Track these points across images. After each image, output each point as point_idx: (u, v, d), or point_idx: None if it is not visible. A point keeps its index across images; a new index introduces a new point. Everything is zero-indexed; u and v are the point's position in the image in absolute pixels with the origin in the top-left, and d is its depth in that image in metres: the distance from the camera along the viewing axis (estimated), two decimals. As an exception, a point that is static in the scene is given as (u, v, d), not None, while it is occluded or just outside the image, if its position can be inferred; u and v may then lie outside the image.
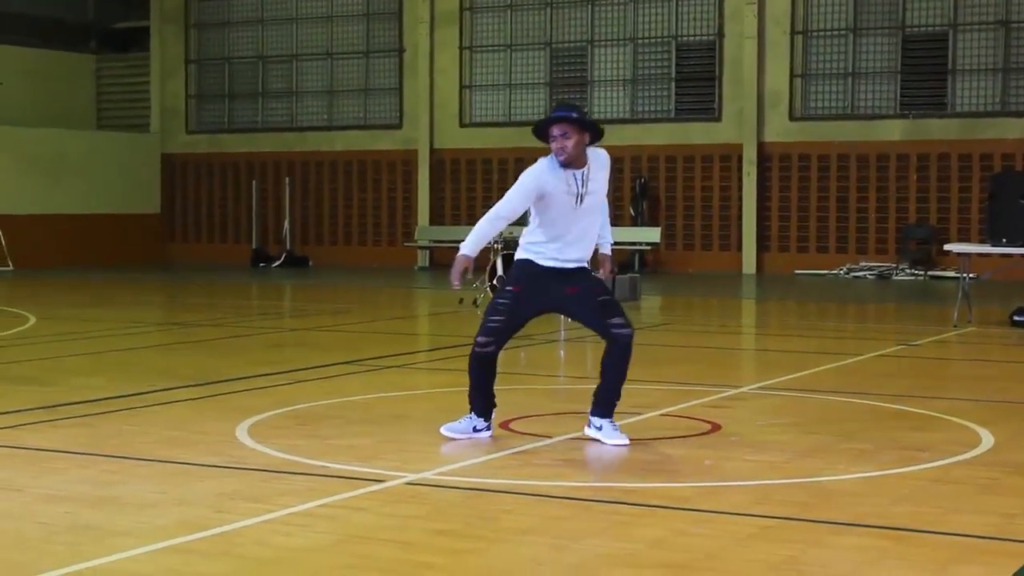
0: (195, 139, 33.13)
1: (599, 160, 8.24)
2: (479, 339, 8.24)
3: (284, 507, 6.42)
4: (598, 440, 8.17)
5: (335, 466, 7.42)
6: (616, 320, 8.17)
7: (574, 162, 8.07)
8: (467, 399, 8.41)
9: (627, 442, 8.10)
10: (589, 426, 8.29)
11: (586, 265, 8.33)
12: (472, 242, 8.13)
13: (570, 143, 8.01)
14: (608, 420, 8.23)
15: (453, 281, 8.11)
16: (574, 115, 8.07)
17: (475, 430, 8.35)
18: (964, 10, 26.25)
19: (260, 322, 17.59)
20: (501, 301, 8.29)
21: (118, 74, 34.41)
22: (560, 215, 8.11)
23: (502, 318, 8.21)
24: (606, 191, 8.39)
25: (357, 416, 9.28)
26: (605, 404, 8.25)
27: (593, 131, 8.16)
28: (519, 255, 8.35)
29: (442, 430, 8.40)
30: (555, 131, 8.04)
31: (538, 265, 8.21)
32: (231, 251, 32.15)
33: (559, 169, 8.07)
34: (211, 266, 30.32)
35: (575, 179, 8.08)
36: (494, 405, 8.44)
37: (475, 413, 8.37)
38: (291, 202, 31.56)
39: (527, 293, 8.23)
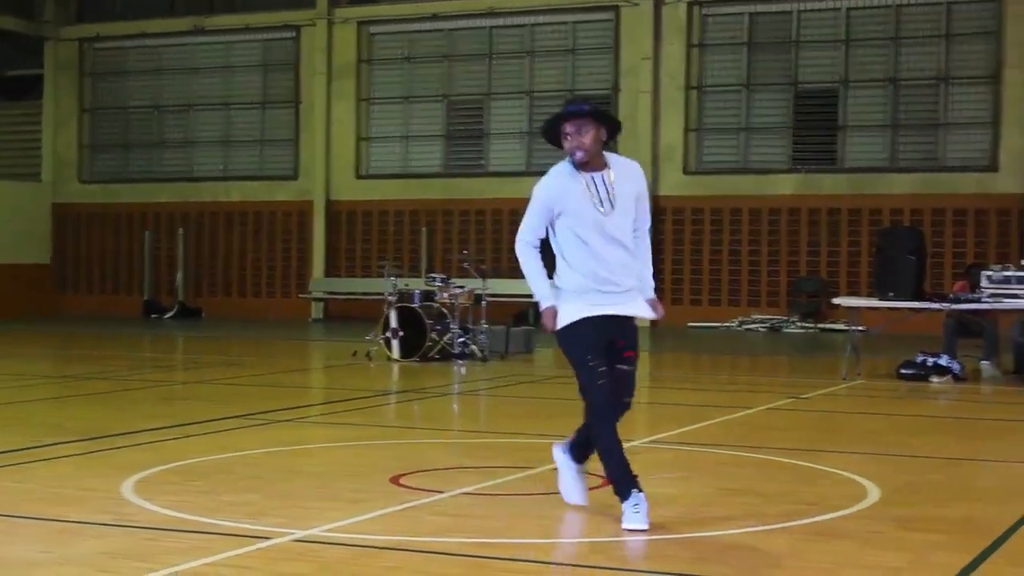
0: (88, 189, 32.79)
1: (629, 170, 7.37)
2: (608, 413, 7.24)
3: (168, 566, 6.31)
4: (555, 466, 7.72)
5: (222, 523, 7.31)
6: (627, 399, 7.40)
7: (592, 162, 7.23)
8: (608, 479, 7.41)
9: (585, 503, 7.74)
10: (562, 449, 7.70)
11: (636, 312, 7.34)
12: (537, 292, 7.30)
13: (588, 139, 7.16)
14: (577, 464, 7.64)
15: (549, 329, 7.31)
16: (586, 108, 7.22)
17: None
18: (854, 67, 26.78)
19: (151, 375, 17.38)
20: (592, 364, 7.17)
21: (10, 122, 34.03)
22: (588, 230, 7.20)
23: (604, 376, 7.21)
24: (648, 217, 7.45)
25: (247, 472, 9.17)
26: (582, 445, 7.60)
27: (611, 124, 7.29)
28: (562, 319, 7.23)
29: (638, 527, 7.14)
30: (568, 128, 7.19)
31: (588, 318, 7.19)
32: (123, 302, 31.79)
33: (577, 173, 7.25)
34: (102, 317, 29.95)
35: (595, 183, 7.23)
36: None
37: (635, 488, 7.19)
38: (185, 253, 31.30)
39: (596, 339, 7.21)
